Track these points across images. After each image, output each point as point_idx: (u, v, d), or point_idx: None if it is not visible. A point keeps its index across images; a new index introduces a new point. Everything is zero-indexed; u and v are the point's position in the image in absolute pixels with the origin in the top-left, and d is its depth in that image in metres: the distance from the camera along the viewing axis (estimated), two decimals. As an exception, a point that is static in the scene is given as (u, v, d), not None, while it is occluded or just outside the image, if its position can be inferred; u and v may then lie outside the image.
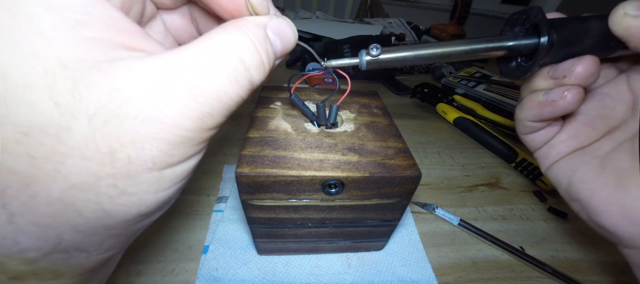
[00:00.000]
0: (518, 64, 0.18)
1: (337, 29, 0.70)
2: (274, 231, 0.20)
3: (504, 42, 0.16)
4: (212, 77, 0.10)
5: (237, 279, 0.21)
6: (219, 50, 0.11)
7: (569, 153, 0.19)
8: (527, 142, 0.21)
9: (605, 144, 0.18)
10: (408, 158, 0.17)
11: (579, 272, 0.24)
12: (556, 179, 0.20)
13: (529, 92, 0.19)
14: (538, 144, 0.20)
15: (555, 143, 0.20)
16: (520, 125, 0.20)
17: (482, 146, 0.40)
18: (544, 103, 0.17)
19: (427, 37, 0.81)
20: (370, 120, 0.21)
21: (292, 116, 0.20)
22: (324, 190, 0.16)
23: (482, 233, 0.26)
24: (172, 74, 0.10)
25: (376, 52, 0.16)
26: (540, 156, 0.21)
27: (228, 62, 0.11)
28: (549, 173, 0.20)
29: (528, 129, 0.20)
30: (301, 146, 0.17)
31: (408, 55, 0.16)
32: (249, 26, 0.12)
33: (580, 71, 0.15)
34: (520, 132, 0.21)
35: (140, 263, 0.22)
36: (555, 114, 0.18)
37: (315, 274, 0.22)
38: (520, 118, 0.20)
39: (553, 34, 0.15)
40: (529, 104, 0.18)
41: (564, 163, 0.19)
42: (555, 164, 0.20)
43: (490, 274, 0.24)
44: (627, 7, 0.14)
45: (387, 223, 0.21)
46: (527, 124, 0.19)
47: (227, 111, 0.11)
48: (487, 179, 0.34)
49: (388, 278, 0.22)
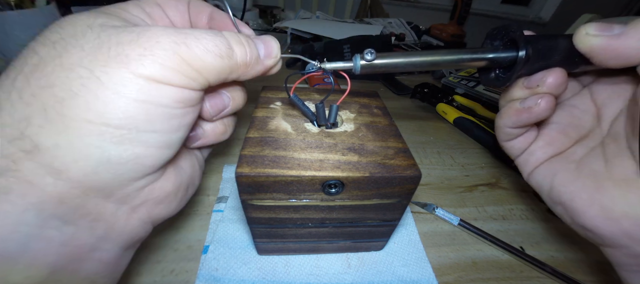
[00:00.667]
0: (497, 75, 0.20)
1: (337, 29, 0.70)
2: (274, 231, 0.20)
3: (486, 54, 0.18)
4: (196, 32, 0.13)
5: (237, 279, 0.21)
6: (213, 32, 0.14)
7: (546, 159, 0.21)
8: (507, 150, 0.23)
9: (578, 150, 0.20)
10: (408, 158, 0.17)
11: (579, 272, 0.24)
12: (538, 185, 0.21)
13: (507, 102, 0.21)
14: (517, 152, 0.22)
15: (533, 150, 0.22)
16: (501, 132, 0.22)
17: (482, 146, 0.40)
18: (520, 110, 0.19)
19: (427, 37, 0.81)
20: (370, 120, 0.21)
21: (292, 116, 0.20)
22: (324, 190, 0.17)
23: (482, 233, 0.26)
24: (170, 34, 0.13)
25: (370, 57, 0.17)
26: (520, 163, 0.23)
27: (217, 40, 0.14)
28: (531, 179, 0.22)
29: (508, 136, 0.22)
30: (301, 146, 0.17)
31: (400, 62, 0.18)
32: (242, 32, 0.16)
33: (551, 81, 0.18)
34: (500, 140, 0.23)
35: (140, 263, 0.22)
36: (531, 120, 0.19)
37: (315, 274, 0.22)
38: (500, 126, 0.22)
39: (529, 49, 0.17)
40: (508, 112, 0.20)
41: (544, 169, 0.21)
42: (536, 170, 0.21)
43: (490, 274, 0.24)
44: (588, 28, 0.16)
45: (387, 223, 0.21)
46: (507, 130, 0.21)
47: (205, 55, 0.13)
48: (487, 179, 0.34)
49: (388, 278, 0.22)
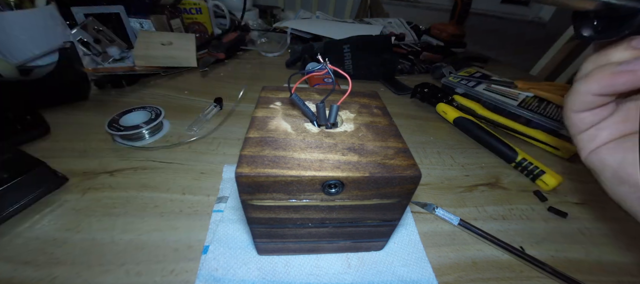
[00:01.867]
0: (595, 27, 0.16)
1: (337, 29, 0.70)
2: (274, 231, 0.20)
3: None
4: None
5: (237, 279, 0.21)
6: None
7: (618, 137, 0.19)
8: (574, 122, 0.21)
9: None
10: (408, 158, 0.17)
11: (579, 272, 0.24)
12: (601, 162, 0.20)
13: (599, 66, 0.18)
14: (585, 125, 0.20)
15: (606, 125, 0.20)
16: (579, 99, 0.19)
17: (482, 146, 0.40)
18: (619, 73, 0.17)
19: (427, 37, 0.81)
20: (370, 120, 0.21)
21: (292, 116, 0.20)
22: (324, 190, 0.16)
23: (482, 232, 0.26)
24: None
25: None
26: (584, 138, 0.21)
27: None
28: (593, 156, 0.20)
29: (585, 105, 0.19)
30: (301, 146, 0.17)
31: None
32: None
33: None
34: (573, 109, 0.20)
35: (140, 263, 0.22)
36: (630, 86, 0.17)
37: (315, 274, 0.22)
38: (583, 91, 0.19)
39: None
40: (599, 76, 0.18)
41: (613, 146, 0.19)
42: (604, 147, 0.20)
43: (490, 274, 0.24)
44: None
45: (387, 223, 0.21)
46: (589, 98, 0.19)
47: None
48: (487, 179, 0.34)
49: (388, 278, 0.22)
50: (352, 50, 0.57)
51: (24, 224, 0.23)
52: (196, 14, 0.66)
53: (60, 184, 0.27)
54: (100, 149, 0.32)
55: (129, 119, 0.35)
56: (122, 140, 0.33)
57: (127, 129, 0.32)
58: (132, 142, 0.34)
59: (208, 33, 0.68)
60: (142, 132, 0.34)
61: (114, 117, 0.34)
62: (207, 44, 0.61)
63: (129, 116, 0.35)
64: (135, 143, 0.34)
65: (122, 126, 0.33)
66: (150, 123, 0.34)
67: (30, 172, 0.25)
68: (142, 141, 0.34)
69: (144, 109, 0.36)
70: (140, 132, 0.33)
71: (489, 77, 0.53)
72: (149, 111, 0.36)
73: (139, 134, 0.33)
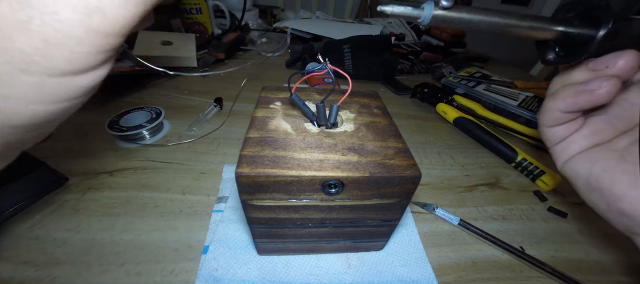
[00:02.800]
0: (557, 54, 0.18)
1: (337, 29, 0.70)
2: (274, 231, 0.20)
3: (559, 26, 0.16)
4: None
5: (237, 279, 0.21)
6: None
7: (588, 148, 0.21)
8: (548, 136, 0.22)
9: (623, 140, 0.20)
10: (408, 158, 0.17)
11: (579, 272, 0.24)
12: (574, 173, 0.21)
13: (564, 84, 0.20)
14: (558, 139, 0.22)
15: (576, 138, 0.21)
16: (548, 115, 0.21)
17: (482, 146, 0.40)
18: (580, 92, 0.18)
19: (427, 37, 0.81)
20: (370, 120, 0.21)
21: (292, 116, 0.20)
22: (324, 190, 0.17)
23: (482, 233, 0.26)
24: None
25: (448, 3, 0.14)
26: (558, 150, 0.22)
27: None
28: (567, 167, 0.22)
29: (555, 121, 0.21)
30: (301, 146, 0.17)
31: (475, 19, 0.15)
32: None
33: (622, 64, 0.17)
34: (544, 124, 0.22)
35: (140, 263, 0.22)
36: (590, 104, 0.18)
37: (315, 274, 0.22)
38: (551, 108, 0.21)
39: (613, 27, 0.15)
40: (564, 94, 0.19)
41: (584, 156, 0.21)
42: (575, 158, 0.21)
43: (490, 274, 0.24)
44: None
45: (387, 223, 0.21)
46: (557, 114, 0.20)
47: (125, 12, 0.10)
48: (487, 179, 0.34)
49: (388, 278, 0.22)
50: (352, 50, 0.57)
51: (24, 224, 0.23)
52: (196, 14, 0.66)
53: (61, 184, 0.27)
54: (100, 149, 0.32)
55: (129, 119, 0.35)
56: (122, 141, 0.33)
57: (128, 130, 0.32)
58: (132, 142, 0.34)
59: (208, 33, 0.68)
60: (142, 133, 0.34)
61: (113, 118, 0.34)
62: (207, 44, 0.61)
63: (129, 117, 0.35)
64: (135, 144, 0.34)
65: (123, 126, 0.33)
66: (150, 123, 0.34)
67: (31, 172, 0.25)
68: (142, 141, 0.34)
69: (144, 110, 0.36)
70: (141, 133, 0.33)
71: (489, 77, 0.53)
72: (149, 111, 0.36)
73: (139, 134, 0.33)
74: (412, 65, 0.64)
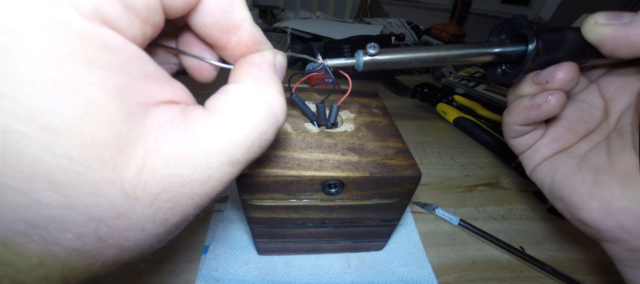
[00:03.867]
0: (504, 71, 0.19)
1: (337, 29, 0.70)
2: (274, 231, 0.20)
3: (493, 48, 0.17)
4: (252, 150, 0.11)
5: (237, 279, 0.21)
6: (255, 111, 0.11)
7: (551, 156, 0.21)
8: (513, 146, 0.23)
9: (583, 145, 0.20)
10: (408, 158, 0.17)
11: (579, 272, 0.24)
12: (540, 180, 0.21)
13: (515, 98, 0.20)
14: (523, 148, 0.22)
15: (539, 147, 0.21)
16: (508, 129, 0.21)
17: (482, 146, 0.40)
18: (529, 107, 0.19)
19: (427, 37, 0.81)
20: (370, 120, 0.21)
21: (292, 116, 0.20)
22: (324, 190, 0.17)
23: (482, 233, 0.26)
24: (219, 156, 0.10)
25: (374, 51, 0.16)
26: (524, 159, 0.22)
27: (262, 117, 0.11)
28: (533, 175, 0.22)
29: (515, 133, 0.21)
30: (301, 146, 0.17)
31: (404, 58, 0.17)
32: (269, 74, 0.12)
33: (562, 76, 0.17)
34: (507, 136, 0.22)
35: (140, 263, 0.22)
36: (540, 118, 0.19)
37: (315, 274, 0.22)
38: (508, 122, 0.21)
39: (539, 41, 0.16)
40: (516, 109, 0.20)
41: (547, 164, 0.21)
42: (539, 166, 0.21)
43: (490, 274, 0.24)
44: (597, 17, 0.16)
45: (387, 223, 0.21)
46: (515, 128, 0.21)
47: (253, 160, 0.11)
48: (487, 179, 0.34)
49: (388, 278, 0.22)
50: (352, 50, 0.57)
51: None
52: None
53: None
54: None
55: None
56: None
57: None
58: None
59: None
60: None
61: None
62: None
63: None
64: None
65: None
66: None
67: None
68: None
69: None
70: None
71: (489, 77, 0.53)
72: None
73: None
74: (411, 67, 0.64)
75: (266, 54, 0.13)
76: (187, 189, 0.09)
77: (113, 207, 0.08)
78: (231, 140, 0.10)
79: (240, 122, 0.10)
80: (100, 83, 0.07)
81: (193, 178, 0.09)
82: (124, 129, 0.08)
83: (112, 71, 0.08)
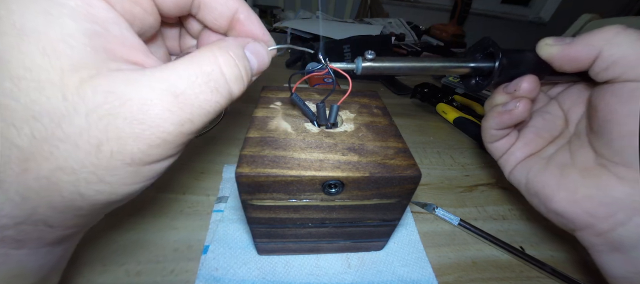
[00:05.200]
0: (476, 82, 0.23)
1: (337, 29, 0.70)
2: (274, 231, 0.20)
3: (469, 63, 0.21)
4: (195, 86, 0.12)
5: (237, 279, 0.21)
6: (203, 63, 0.12)
7: (524, 159, 0.24)
8: (492, 151, 0.26)
9: (550, 149, 0.23)
10: (408, 158, 0.17)
11: (579, 272, 0.24)
12: (517, 181, 0.24)
13: (491, 107, 0.24)
14: (500, 153, 0.25)
15: (513, 150, 0.25)
16: (486, 134, 0.25)
17: (482, 146, 0.40)
18: (502, 113, 0.22)
19: (427, 37, 0.81)
20: (370, 120, 0.21)
21: (292, 116, 0.20)
22: (324, 190, 0.17)
23: (482, 233, 0.26)
24: (160, 84, 0.11)
25: (371, 56, 0.19)
26: (502, 163, 0.26)
27: (210, 74, 0.12)
28: (511, 177, 0.25)
29: (492, 138, 0.25)
30: (301, 146, 0.17)
31: (395, 66, 0.20)
32: (230, 45, 0.14)
33: (526, 86, 0.21)
34: (486, 141, 0.26)
35: (140, 263, 0.22)
36: (511, 121, 0.22)
37: (315, 274, 0.22)
38: (486, 128, 0.25)
39: (504, 59, 0.20)
40: (492, 115, 0.23)
41: (521, 166, 0.24)
42: (515, 169, 0.24)
43: (490, 274, 0.24)
44: (547, 40, 0.20)
45: (387, 223, 0.21)
46: (492, 132, 0.24)
47: (207, 118, 0.13)
48: (487, 179, 0.34)
49: (388, 278, 0.22)
50: (352, 50, 0.57)
51: (24, 224, 0.23)
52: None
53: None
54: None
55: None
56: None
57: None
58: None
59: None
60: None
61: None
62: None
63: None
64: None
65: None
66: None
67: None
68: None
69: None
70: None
71: (489, 77, 0.53)
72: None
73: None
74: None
75: (242, 38, 0.16)
76: (125, 109, 0.10)
77: (52, 108, 0.10)
78: (173, 72, 0.11)
79: (184, 63, 0.12)
80: (76, 18, 0.10)
81: (131, 97, 0.10)
82: (82, 54, 0.10)
83: (90, 20, 0.11)
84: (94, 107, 0.10)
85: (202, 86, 0.12)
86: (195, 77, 0.12)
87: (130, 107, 0.10)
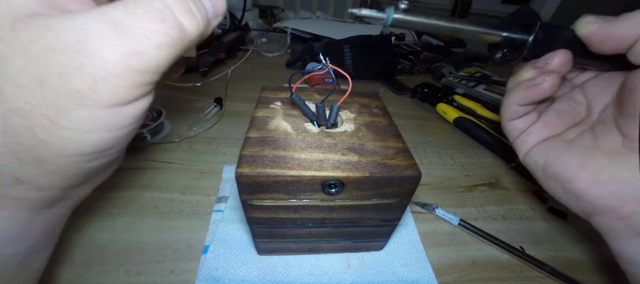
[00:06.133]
0: (503, 54, 0.22)
1: (337, 29, 0.70)
2: (274, 231, 0.20)
3: (502, 32, 0.20)
4: (136, 15, 0.11)
5: (237, 279, 0.21)
6: (158, 10, 0.12)
7: (542, 140, 0.23)
8: (509, 130, 0.25)
9: (571, 133, 0.23)
10: (408, 158, 0.17)
11: (579, 272, 0.24)
12: (533, 162, 0.23)
13: (516, 83, 0.23)
14: (517, 132, 0.24)
15: (532, 130, 0.24)
16: (507, 110, 0.24)
17: (482, 146, 0.40)
18: (529, 86, 0.21)
19: (427, 37, 0.81)
20: (370, 120, 0.21)
21: (292, 116, 0.20)
22: (324, 190, 0.17)
23: (482, 233, 0.26)
24: (97, 15, 0.11)
25: (404, 6, 0.17)
26: (519, 143, 0.25)
27: (151, 4, 0.11)
28: (527, 158, 0.24)
29: (513, 114, 0.24)
30: (301, 146, 0.17)
31: (427, 23, 0.18)
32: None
33: (557, 61, 0.20)
34: (505, 118, 0.25)
35: (140, 263, 0.22)
36: (537, 96, 0.21)
37: (315, 274, 0.22)
38: (508, 104, 0.24)
39: (540, 34, 0.19)
40: (517, 90, 0.22)
41: (539, 147, 0.23)
42: (533, 149, 0.24)
43: (490, 274, 0.24)
44: (588, 17, 0.19)
45: (387, 223, 0.21)
46: (513, 108, 0.23)
47: (160, 52, 0.12)
48: (487, 179, 0.34)
49: (388, 278, 0.22)
50: (352, 50, 0.57)
51: (24, 224, 0.23)
52: (196, 14, 0.66)
53: (61, 184, 0.27)
54: (100, 149, 0.32)
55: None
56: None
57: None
58: (132, 143, 0.33)
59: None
60: (143, 133, 0.34)
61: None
62: (207, 43, 0.61)
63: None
64: (136, 144, 0.33)
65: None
66: (151, 124, 0.34)
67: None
68: (143, 141, 0.34)
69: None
70: (142, 133, 0.33)
71: (489, 77, 0.53)
72: (150, 111, 0.36)
73: (140, 135, 0.33)
74: (412, 65, 0.64)
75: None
76: (61, 42, 0.10)
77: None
78: (111, 6, 0.11)
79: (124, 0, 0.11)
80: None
81: (66, 29, 0.10)
82: (22, 1, 0.10)
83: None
84: (28, 43, 0.10)
85: (144, 14, 0.11)
86: (134, 8, 0.11)
87: (67, 39, 0.10)
